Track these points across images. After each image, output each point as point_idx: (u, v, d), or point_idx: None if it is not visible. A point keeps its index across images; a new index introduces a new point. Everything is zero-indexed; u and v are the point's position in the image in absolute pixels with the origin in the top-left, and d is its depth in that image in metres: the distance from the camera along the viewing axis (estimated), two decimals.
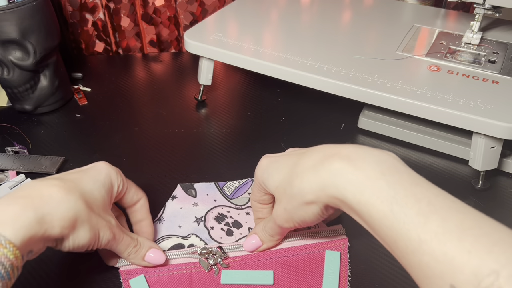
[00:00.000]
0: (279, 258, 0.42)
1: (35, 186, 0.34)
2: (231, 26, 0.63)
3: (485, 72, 0.53)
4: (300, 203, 0.35)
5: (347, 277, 0.41)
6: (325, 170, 0.32)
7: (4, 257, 0.29)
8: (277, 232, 0.41)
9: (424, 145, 0.55)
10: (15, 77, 0.59)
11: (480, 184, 0.50)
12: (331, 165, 0.32)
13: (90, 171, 0.39)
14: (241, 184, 0.51)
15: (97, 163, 0.40)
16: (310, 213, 0.35)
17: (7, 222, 0.30)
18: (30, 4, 0.55)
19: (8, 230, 0.29)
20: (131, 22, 0.76)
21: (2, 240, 0.29)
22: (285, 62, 0.55)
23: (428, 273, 0.27)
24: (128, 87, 0.69)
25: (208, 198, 0.49)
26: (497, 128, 0.45)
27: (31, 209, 0.31)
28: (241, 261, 0.42)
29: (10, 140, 0.58)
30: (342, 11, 0.67)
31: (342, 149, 0.33)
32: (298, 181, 0.34)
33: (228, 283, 0.40)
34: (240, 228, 0.46)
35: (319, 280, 0.40)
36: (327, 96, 0.54)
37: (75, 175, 0.37)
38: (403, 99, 0.49)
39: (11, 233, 0.30)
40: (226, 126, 0.61)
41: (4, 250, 0.29)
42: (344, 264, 0.42)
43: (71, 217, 0.33)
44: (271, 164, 0.39)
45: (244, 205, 0.48)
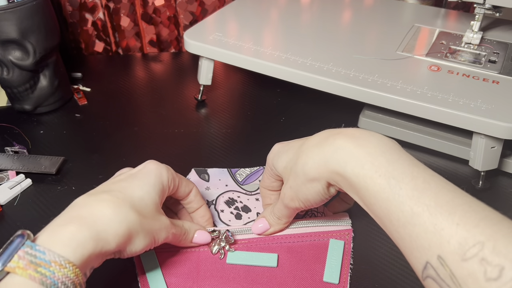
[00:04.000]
0: (285, 243, 0.43)
1: (86, 204, 0.34)
2: (231, 26, 0.63)
3: (485, 72, 0.53)
4: (303, 180, 0.36)
5: (349, 266, 0.42)
6: (329, 145, 0.34)
7: (65, 277, 0.29)
8: (284, 214, 0.42)
9: (424, 145, 0.55)
10: (15, 77, 0.59)
11: (480, 184, 0.50)
12: (335, 141, 0.34)
13: (139, 175, 0.38)
14: (253, 171, 0.52)
15: (147, 164, 0.39)
16: (313, 191, 0.36)
17: (65, 242, 0.30)
18: (29, 4, 0.55)
19: (67, 251, 0.30)
20: (130, 22, 0.76)
21: (62, 261, 0.30)
22: (285, 62, 0.54)
23: (417, 245, 0.28)
24: (128, 87, 0.69)
25: (220, 183, 0.51)
26: (497, 128, 0.45)
27: (86, 229, 0.32)
28: (247, 244, 0.43)
29: (9, 140, 0.58)
30: (342, 11, 0.67)
31: (348, 130, 0.35)
32: (303, 158, 0.36)
33: (234, 263, 0.42)
34: (249, 213, 0.47)
35: (322, 267, 0.41)
36: (327, 96, 0.54)
37: (123, 183, 0.37)
38: (403, 99, 0.49)
39: (70, 253, 0.30)
40: (226, 126, 0.61)
41: (65, 270, 0.29)
42: (347, 253, 0.43)
43: (125, 231, 0.34)
44: (281, 148, 0.41)
45: (254, 191, 0.50)
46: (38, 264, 0.29)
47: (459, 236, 0.26)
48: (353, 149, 0.33)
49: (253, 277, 0.41)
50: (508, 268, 0.24)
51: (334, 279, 0.40)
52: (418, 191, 0.29)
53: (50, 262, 0.29)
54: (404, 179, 0.30)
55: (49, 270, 0.29)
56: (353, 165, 0.32)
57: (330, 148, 0.34)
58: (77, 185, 0.52)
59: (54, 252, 0.30)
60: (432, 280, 0.27)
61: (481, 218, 0.26)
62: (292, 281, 0.40)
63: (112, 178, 0.39)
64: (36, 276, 0.29)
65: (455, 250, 0.26)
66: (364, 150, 0.32)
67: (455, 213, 0.27)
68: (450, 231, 0.26)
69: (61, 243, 0.30)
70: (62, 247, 0.30)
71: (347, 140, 0.34)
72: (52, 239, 0.31)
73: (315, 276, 0.41)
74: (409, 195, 0.29)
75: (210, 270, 0.41)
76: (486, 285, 0.24)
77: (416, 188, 0.29)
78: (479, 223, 0.26)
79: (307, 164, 0.35)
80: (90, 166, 0.54)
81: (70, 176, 0.53)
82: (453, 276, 0.26)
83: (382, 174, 0.31)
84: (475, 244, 0.25)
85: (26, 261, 0.29)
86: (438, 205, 0.28)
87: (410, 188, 0.29)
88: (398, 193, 0.30)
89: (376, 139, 0.33)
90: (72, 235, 0.31)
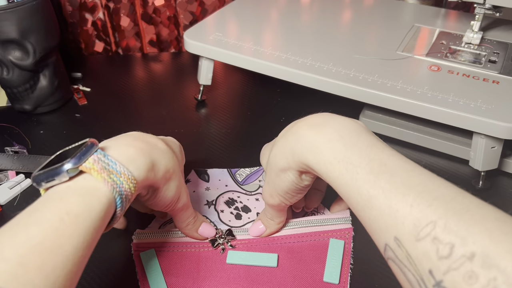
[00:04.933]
0: (285, 243, 0.43)
1: (143, 135, 0.37)
2: (231, 26, 0.63)
3: (485, 72, 0.53)
4: (275, 171, 0.37)
5: (349, 266, 0.42)
6: (292, 135, 0.35)
7: (128, 191, 0.32)
8: (273, 213, 0.42)
9: (424, 145, 0.55)
10: (15, 77, 0.59)
11: (480, 184, 0.50)
12: (298, 130, 0.35)
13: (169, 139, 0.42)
14: (253, 171, 0.52)
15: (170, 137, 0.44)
16: (286, 181, 0.37)
17: (130, 161, 0.33)
18: (29, 4, 0.55)
19: (132, 168, 0.33)
20: (130, 22, 0.76)
21: (130, 175, 0.32)
22: (285, 62, 0.54)
23: (376, 228, 0.29)
24: (128, 87, 0.69)
25: (220, 183, 0.51)
26: (497, 128, 0.45)
27: (146, 154, 0.34)
28: (247, 244, 0.44)
29: (9, 140, 0.58)
30: (342, 11, 0.67)
31: (310, 117, 0.36)
32: (273, 150, 0.37)
33: (234, 263, 0.42)
34: (249, 213, 0.47)
35: (322, 267, 0.41)
36: (327, 96, 0.54)
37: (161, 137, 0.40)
38: (404, 99, 0.49)
39: (134, 171, 0.33)
40: (226, 126, 0.61)
41: (130, 184, 0.32)
42: (347, 252, 0.43)
43: (171, 168, 0.37)
44: (266, 145, 0.43)
45: (254, 191, 0.50)
46: (110, 172, 0.31)
47: (412, 217, 0.26)
48: (313, 137, 0.34)
49: (253, 277, 0.41)
50: (458, 245, 0.24)
51: (334, 279, 0.40)
52: (374, 174, 0.30)
53: (121, 173, 0.31)
54: (361, 163, 0.31)
55: (119, 179, 0.31)
56: (314, 153, 0.33)
57: (293, 137, 0.35)
58: None
59: (123, 165, 0.32)
60: (392, 262, 0.28)
61: (434, 197, 0.27)
62: (292, 281, 0.40)
63: None
64: (109, 181, 0.31)
65: (409, 231, 0.26)
66: (324, 137, 0.33)
67: (409, 194, 0.27)
68: (404, 213, 0.27)
69: (127, 160, 0.33)
70: (128, 164, 0.33)
71: (308, 128, 0.34)
72: (119, 154, 0.33)
73: (315, 276, 0.41)
74: (366, 179, 0.30)
75: (210, 270, 0.41)
76: (439, 264, 0.24)
77: (372, 171, 0.30)
78: (432, 202, 0.26)
79: (276, 156, 0.37)
80: None
81: None
82: (409, 256, 0.26)
83: (340, 160, 0.31)
84: (428, 223, 0.25)
85: (101, 165, 0.31)
86: (393, 187, 0.28)
87: (366, 172, 0.30)
88: (355, 177, 0.30)
89: (336, 124, 0.34)
90: (136, 155, 0.34)
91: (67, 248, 0.27)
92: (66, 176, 0.30)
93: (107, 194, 0.31)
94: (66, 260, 0.27)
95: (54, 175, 0.30)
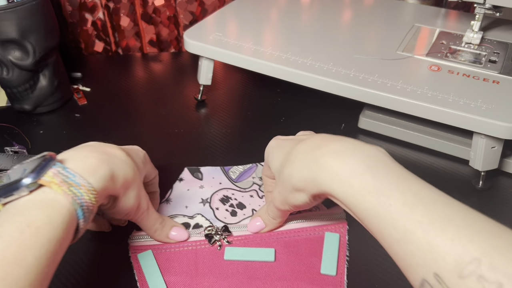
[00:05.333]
0: (281, 238, 0.44)
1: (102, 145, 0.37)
2: (231, 25, 0.63)
3: (485, 72, 0.53)
4: (290, 189, 0.37)
5: (345, 258, 0.42)
6: (315, 163, 0.34)
7: (89, 202, 0.32)
8: (278, 214, 0.42)
9: (424, 145, 0.55)
10: (15, 77, 0.59)
11: (480, 184, 0.50)
12: (320, 159, 0.34)
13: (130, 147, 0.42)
14: (246, 169, 0.53)
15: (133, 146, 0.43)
16: (299, 200, 0.37)
17: (90, 172, 0.33)
18: (29, 4, 0.55)
19: (91, 179, 0.33)
20: (130, 22, 0.76)
21: (90, 186, 0.32)
22: (285, 62, 0.54)
23: (412, 262, 0.28)
24: (128, 87, 0.69)
25: (214, 181, 0.51)
26: (497, 128, 0.45)
27: (106, 164, 0.35)
28: (244, 240, 0.44)
29: (9, 140, 0.58)
30: (342, 11, 0.67)
31: (333, 143, 0.34)
32: (289, 168, 0.36)
33: (231, 259, 0.42)
34: (244, 209, 0.48)
35: (318, 259, 0.42)
36: (327, 96, 0.54)
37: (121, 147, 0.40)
38: (404, 99, 0.49)
39: (94, 182, 0.33)
40: (226, 126, 0.61)
41: (90, 196, 0.32)
42: (342, 245, 0.43)
43: (130, 178, 0.37)
44: (276, 146, 0.41)
45: (248, 188, 0.50)
46: (70, 184, 0.31)
47: (454, 252, 0.25)
48: (339, 167, 0.32)
49: (251, 272, 0.41)
50: (506, 285, 0.23)
51: (332, 271, 0.41)
52: (409, 206, 0.28)
53: (80, 185, 0.32)
54: (393, 195, 0.29)
55: (79, 191, 0.31)
56: (340, 183, 0.32)
57: (316, 166, 0.34)
58: None
59: (82, 177, 0.32)
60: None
61: (476, 231, 0.26)
62: (290, 275, 0.41)
63: None
64: (69, 194, 0.31)
65: (451, 268, 0.25)
66: (349, 168, 0.32)
67: (449, 229, 0.26)
68: (445, 248, 0.26)
69: (86, 172, 0.33)
70: (88, 175, 0.33)
71: (332, 157, 0.33)
72: (77, 166, 0.33)
73: (313, 269, 0.41)
74: (400, 212, 0.29)
75: (208, 267, 0.42)
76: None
77: (406, 203, 0.29)
78: (474, 237, 0.26)
79: (293, 177, 0.36)
80: None
81: None
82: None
83: (371, 191, 0.30)
84: (471, 260, 0.25)
85: (60, 179, 0.31)
86: (431, 221, 0.27)
87: (400, 204, 0.29)
88: (388, 210, 0.29)
89: (360, 153, 0.33)
90: (95, 166, 0.34)
91: (30, 260, 0.27)
92: (26, 191, 0.30)
93: (68, 206, 0.31)
94: (29, 272, 0.27)
95: (13, 190, 0.30)
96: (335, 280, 0.40)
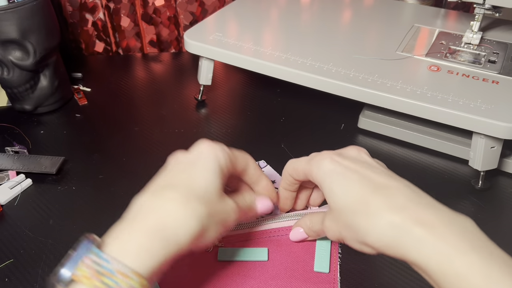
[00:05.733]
0: (273, 237, 0.44)
1: (153, 206, 0.32)
2: (231, 26, 0.63)
3: (485, 72, 0.53)
4: (357, 240, 0.33)
5: (337, 255, 0.42)
6: (404, 231, 0.30)
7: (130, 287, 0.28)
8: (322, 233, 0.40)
9: (424, 145, 0.55)
10: (15, 77, 0.59)
11: (480, 184, 0.50)
12: (412, 229, 0.30)
13: (198, 163, 0.35)
14: None
15: (201, 148, 0.36)
16: (364, 251, 0.34)
17: (133, 253, 0.29)
18: (30, 4, 0.55)
19: (135, 262, 0.29)
20: (131, 22, 0.76)
21: (128, 271, 0.28)
22: (285, 62, 0.55)
23: None
24: (128, 87, 0.69)
25: None
26: (497, 128, 0.45)
27: (156, 237, 0.30)
28: (237, 240, 0.44)
29: (10, 140, 0.58)
30: (342, 11, 0.67)
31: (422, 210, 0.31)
32: (367, 225, 0.32)
33: (225, 260, 0.42)
34: None
35: (311, 257, 0.42)
36: (327, 96, 0.54)
37: (184, 175, 0.35)
38: (403, 99, 0.49)
39: (139, 264, 0.29)
40: (226, 126, 0.61)
41: (131, 281, 0.28)
42: (335, 242, 0.43)
43: (197, 229, 0.32)
44: (336, 175, 0.35)
45: None
46: (103, 274, 0.28)
47: None
48: (436, 242, 0.29)
49: (246, 272, 0.41)
50: None
51: (325, 268, 0.41)
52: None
53: (115, 272, 0.28)
54: (506, 280, 0.27)
55: (113, 280, 0.28)
56: (439, 260, 0.29)
57: (405, 234, 0.30)
58: (77, 185, 0.52)
59: (119, 261, 0.29)
60: None
61: None
62: (284, 273, 0.41)
63: (170, 167, 0.36)
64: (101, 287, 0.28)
65: None
66: (450, 243, 0.29)
67: None
68: None
69: (130, 254, 0.29)
70: (131, 258, 0.29)
71: (428, 230, 0.29)
72: (120, 248, 0.30)
73: (306, 267, 0.41)
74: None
75: (202, 268, 0.41)
76: None
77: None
78: None
79: (371, 236, 0.32)
80: (90, 166, 0.54)
81: (70, 176, 0.53)
82: None
83: (476, 273, 0.28)
84: None
85: (92, 270, 0.28)
86: None
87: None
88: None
89: (457, 227, 0.30)
90: (141, 245, 0.30)
91: None
92: (63, 286, 0.28)
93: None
94: None
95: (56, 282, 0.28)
96: (329, 277, 0.40)
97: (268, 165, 0.53)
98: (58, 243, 0.45)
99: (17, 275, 0.42)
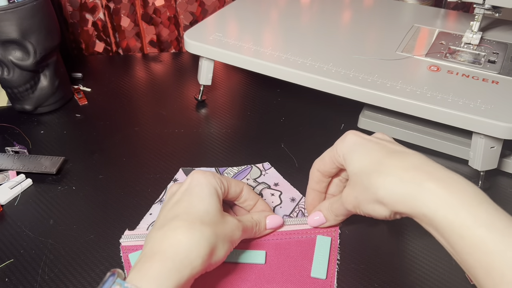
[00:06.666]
0: (272, 240, 0.44)
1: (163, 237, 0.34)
2: (231, 26, 0.63)
3: (485, 72, 0.53)
4: (372, 199, 0.35)
5: (336, 262, 0.42)
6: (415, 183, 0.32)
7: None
8: (343, 213, 0.41)
9: (424, 145, 0.55)
10: (15, 77, 0.59)
11: (480, 184, 0.50)
12: (423, 183, 0.32)
13: (194, 189, 0.38)
14: (240, 170, 0.52)
15: (194, 177, 0.39)
16: (377, 212, 0.35)
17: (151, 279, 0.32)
18: (30, 4, 0.55)
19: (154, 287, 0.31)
20: (131, 22, 0.76)
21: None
22: (285, 62, 0.55)
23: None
24: (128, 87, 0.69)
25: None
26: (497, 128, 0.45)
27: (169, 262, 0.33)
28: None
29: (10, 140, 0.58)
30: (342, 11, 0.67)
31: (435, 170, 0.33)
32: (380, 180, 0.34)
33: None
34: None
35: (309, 263, 0.42)
36: (327, 96, 0.54)
37: (184, 203, 0.37)
38: (403, 99, 0.49)
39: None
40: (226, 126, 0.61)
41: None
42: (334, 248, 0.43)
43: (206, 249, 0.35)
44: (358, 145, 0.38)
45: None
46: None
47: None
48: (445, 195, 0.31)
49: (242, 274, 0.41)
50: None
51: (322, 274, 0.41)
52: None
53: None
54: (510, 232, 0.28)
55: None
56: (446, 211, 0.31)
57: (416, 188, 0.32)
58: (77, 185, 0.52)
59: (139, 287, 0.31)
60: None
61: None
62: (280, 277, 0.41)
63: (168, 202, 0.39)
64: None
65: None
66: (458, 197, 0.31)
67: None
68: None
69: (147, 280, 0.32)
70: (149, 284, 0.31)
71: (438, 184, 0.32)
72: (140, 276, 0.32)
73: (303, 272, 0.41)
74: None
75: None
76: None
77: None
78: None
79: (383, 190, 0.34)
80: (90, 166, 0.54)
81: (70, 176, 0.53)
82: None
83: (482, 225, 0.29)
84: None
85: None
86: None
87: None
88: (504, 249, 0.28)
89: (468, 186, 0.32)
90: (157, 271, 0.32)
91: None
92: None
93: None
94: None
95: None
96: (325, 284, 0.40)
97: (273, 167, 0.53)
98: (58, 243, 0.45)
99: (17, 275, 0.42)
